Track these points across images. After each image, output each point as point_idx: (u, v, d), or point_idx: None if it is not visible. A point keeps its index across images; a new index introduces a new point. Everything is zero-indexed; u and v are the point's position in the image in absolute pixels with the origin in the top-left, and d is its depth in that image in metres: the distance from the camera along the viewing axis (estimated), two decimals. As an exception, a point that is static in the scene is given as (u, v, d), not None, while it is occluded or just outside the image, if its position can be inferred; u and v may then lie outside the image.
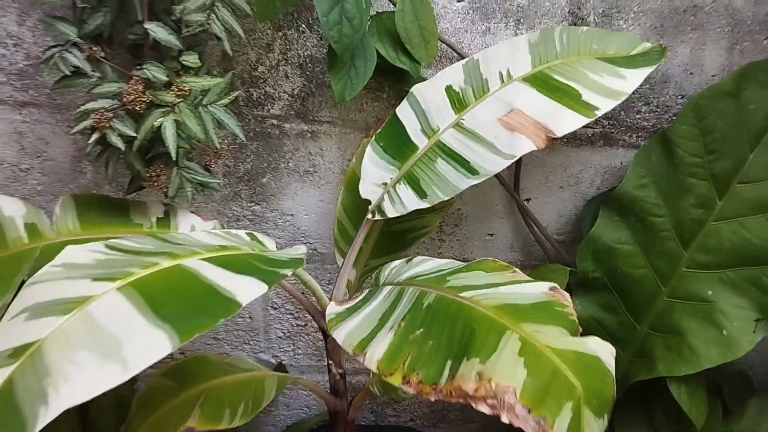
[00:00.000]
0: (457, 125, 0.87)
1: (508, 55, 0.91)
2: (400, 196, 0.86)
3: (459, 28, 0.98)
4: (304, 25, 0.99)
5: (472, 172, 0.83)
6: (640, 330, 1.04)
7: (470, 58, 0.93)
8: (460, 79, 0.91)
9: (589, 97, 0.84)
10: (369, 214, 0.89)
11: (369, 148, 0.92)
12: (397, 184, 0.88)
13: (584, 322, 1.04)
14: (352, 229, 1.00)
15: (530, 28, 0.97)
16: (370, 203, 0.89)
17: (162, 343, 0.58)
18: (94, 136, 0.83)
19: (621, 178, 1.02)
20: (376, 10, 0.95)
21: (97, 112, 0.83)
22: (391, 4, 0.94)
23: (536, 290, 0.72)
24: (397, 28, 0.91)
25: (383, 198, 0.88)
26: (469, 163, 0.84)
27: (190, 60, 0.85)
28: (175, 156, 0.84)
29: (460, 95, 0.90)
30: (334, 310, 0.79)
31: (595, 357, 0.66)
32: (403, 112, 0.92)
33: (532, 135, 0.81)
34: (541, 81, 0.87)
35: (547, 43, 0.91)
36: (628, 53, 0.90)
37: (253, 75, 1.02)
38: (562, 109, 0.83)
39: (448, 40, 0.97)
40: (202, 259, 0.71)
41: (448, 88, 0.91)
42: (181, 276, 0.68)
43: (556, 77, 0.87)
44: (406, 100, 0.93)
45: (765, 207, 0.95)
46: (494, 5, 0.96)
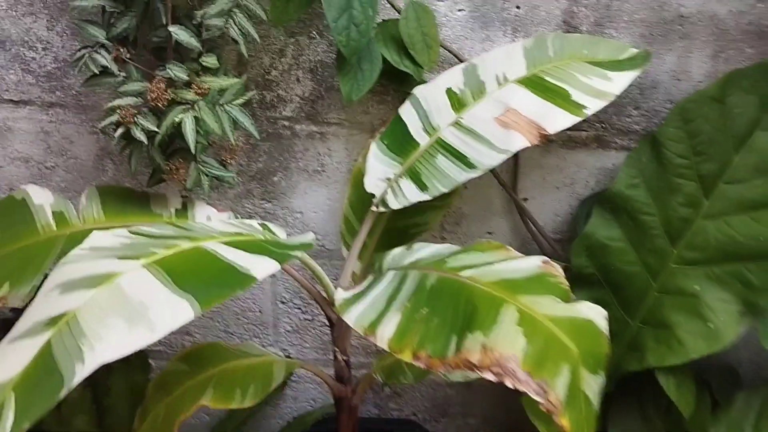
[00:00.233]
0: (457, 123, 0.93)
1: (505, 59, 0.96)
2: (402, 190, 0.92)
3: (460, 35, 1.03)
4: (315, 32, 1.05)
5: (470, 166, 0.88)
6: (632, 324, 1.08)
7: (469, 63, 0.98)
8: (460, 82, 0.96)
9: (579, 97, 0.89)
10: (373, 207, 0.94)
11: (374, 145, 0.97)
12: (400, 179, 0.93)
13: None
14: (358, 224, 1.05)
15: (526, 36, 1.02)
16: (375, 197, 0.95)
17: (185, 310, 0.63)
18: (120, 131, 0.90)
19: (614, 178, 1.07)
20: (382, 18, 1.00)
21: (123, 109, 0.90)
22: (395, 12, 1.00)
23: (529, 264, 0.77)
24: (402, 35, 0.97)
25: (387, 191, 0.93)
26: (468, 158, 0.89)
27: (209, 61, 0.91)
28: (194, 150, 0.90)
29: (460, 96, 0.95)
30: (342, 295, 0.84)
31: (588, 320, 0.71)
32: (406, 112, 0.98)
33: (526, 132, 0.87)
34: (534, 83, 0.92)
35: (540, 48, 0.96)
36: (617, 58, 0.95)
37: (266, 78, 1.08)
38: (554, 108, 0.88)
39: (449, 46, 1.03)
40: (219, 242, 0.77)
41: (449, 90, 0.96)
42: (201, 255, 0.73)
43: (549, 79, 0.92)
44: (408, 100, 0.98)
45: (749, 206, 0.99)
46: (493, 14, 1.02)
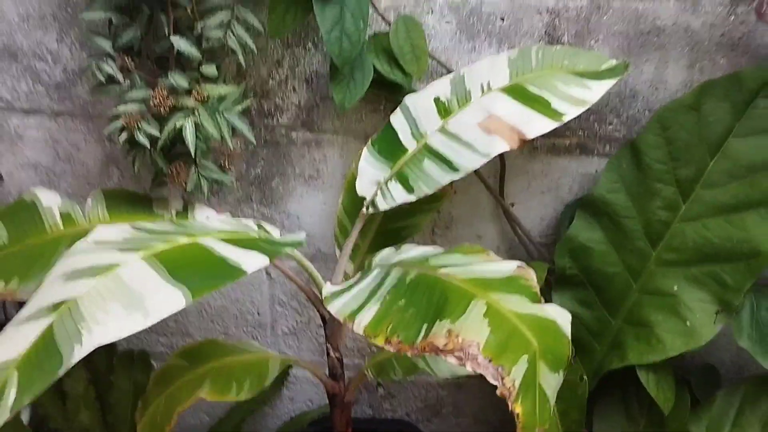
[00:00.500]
0: (443, 129, 0.97)
1: (490, 69, 1.00)
2: (390, 192, 0.95)
3: (447, 47, 1.08)
4: (311, 44, 1.09)
5: (453, 169, 0.92)
6: (614, 324, 1.12)
7: (456, 73, 1.02)
8: (447, 91, 1.00)
9: (558, 105, 0.93)
10: (364, 209, 0.99)
11: (365, 150, 1.01)
12: (389, 182, 0.96)
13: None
14: (350, 226, 1.08)
15: (511, 47, 1.07)
16: (365, 199, 1.00)
17: (178, 298, 0.69)
18: (124, 136, 0.95)
19: (596, 183, 1.10)
20: (373, 31, 1.05)
21: (127, 115, 0.95)
22: (387, 24, 1.05)
23: (505, 267, 0.82)
24: (392, 46, 1.01)
25: (376, 194, 0.97)
26: (451, 161, 0.93)
27: (209, 70, 0.96)
28: (194, 154, 0.96)
29: (446, 104, 0.99)
30: (329, 289, 0.89)
31: (552, 321, 0.75)
32: (396, 119, 1.02)
33: (507, 137, 0.91)
34: (517, 91, 0.96)
35: (524, 59, 1.00)
36: (596, 69, 1.00)
37: (264, 88, 1.13)
38: (534, 114, 0.92)
39: (437, 57, 1.07)
40: (214, 238, 0.82)
41: (436, 99, 1.00)
42: (196, 249, 0.78)
43: (530, 88, 0.96)
44: (399, 108, 1.02)
45: (724, 210, 1.03)
46: (479, 26, 1.06)
